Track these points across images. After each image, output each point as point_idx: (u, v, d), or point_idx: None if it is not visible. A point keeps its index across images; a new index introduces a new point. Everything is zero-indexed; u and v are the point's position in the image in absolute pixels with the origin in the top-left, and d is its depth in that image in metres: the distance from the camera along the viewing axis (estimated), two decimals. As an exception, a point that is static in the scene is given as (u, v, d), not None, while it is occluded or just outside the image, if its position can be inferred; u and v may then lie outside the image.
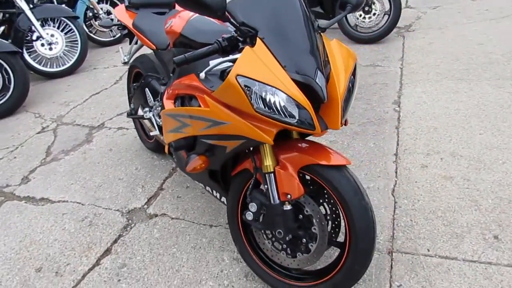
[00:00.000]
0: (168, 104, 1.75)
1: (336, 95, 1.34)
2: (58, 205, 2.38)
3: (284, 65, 1.30)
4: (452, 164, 2.27)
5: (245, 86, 1.24)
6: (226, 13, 1.24)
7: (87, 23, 5.06)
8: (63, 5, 4.63)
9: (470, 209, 1.95)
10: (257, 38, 1.32)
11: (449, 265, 1.68)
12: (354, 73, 1.49)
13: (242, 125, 1.33)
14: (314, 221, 1.48)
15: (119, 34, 5.19)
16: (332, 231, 1.58)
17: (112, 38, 5.23)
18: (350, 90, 1.44)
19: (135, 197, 2.36)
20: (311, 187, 1.54)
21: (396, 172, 2.28)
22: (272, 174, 1.45)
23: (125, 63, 2.51)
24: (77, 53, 4.42)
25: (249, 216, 1.53)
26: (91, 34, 5.11)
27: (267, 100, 1.26)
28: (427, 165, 2.29)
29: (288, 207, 1.45)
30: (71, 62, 4.44)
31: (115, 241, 2.04)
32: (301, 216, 1.50)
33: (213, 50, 1.35)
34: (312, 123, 1.29)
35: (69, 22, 4.30)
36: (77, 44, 4.41)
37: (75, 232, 2.14)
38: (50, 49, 4.29)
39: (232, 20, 1.26)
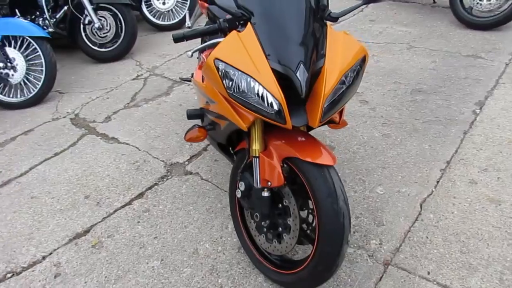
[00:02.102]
0: (197, 73, 1.85)
1: (321, 92, 1.28)
2: (122, 146, 2.74)
3: (268, 54, 1.28)
4: (508, 187, 1.96)
5: (223, 70, 1.27)
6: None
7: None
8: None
9: (502, 242, 1.70)
10: (248, 23, 1.31)
11: (441, 294, 1.53)
12: (358, 69, 1.39)
13: (225, 107, 1.38)
14: (290, 213, 1.48)
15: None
16: (310, 227, 1.56)
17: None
18: (346, 86, 1.35)
19: (181, 152, 2.59)
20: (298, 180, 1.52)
21: (437, 182, 2.06)
22: (258, 159, 1.48)
23: (188, 27, 2.66)
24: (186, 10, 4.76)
25: (238, 193, 1.59)
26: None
27: (242, 87, 1.27)
28: (477, 182, 2.02)
29: (266, 193, 1.48)
30: (179, 18, 4.83)
31: (150, 188, 2.31)
32: (280, 205, 1.51)
33: (213, 29, 1.40)
34: (284, 116, 1.27)
35: None
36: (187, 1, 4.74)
37: (125, 172, 2.47)
38: (163, 3, 4.70)
39: (218, 3, 1.28)
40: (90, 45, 4.17)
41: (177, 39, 1.39)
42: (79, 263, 1.88)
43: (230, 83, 1.28)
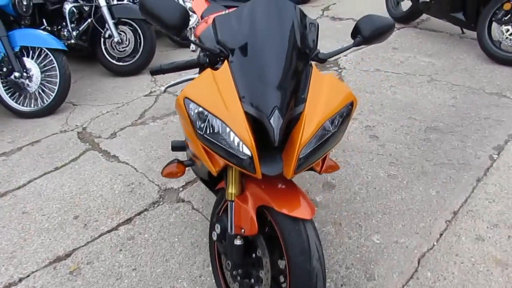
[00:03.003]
0: None
1: (296, 140, 1.18)
2: (121, 165, 2.70)
3: (242, 96, 1.19)
4: (519, 248, 1.77)
5: (193, 110, 1.19)
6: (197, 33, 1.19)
7: None
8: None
9: (504, 315, 1.51)
10: (226, 61, 1.23)
11: None
12: (343, 117, 1.27)
13: (197, 147, 1.29)
14: (262, 265, 1.36)
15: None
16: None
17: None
18: (328, 135, 1.24)
19: (178, 178, 2.51)
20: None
21: (440, 235, 1.89)
22: (233, 203, 1.38)
23: (193, 51, 2.61)
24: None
25: (214, 235, 1.50)
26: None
27: (211, 131, 1.18)
28: (485, 239, 1.84)
29: (238, 241, 1.37)
30: (201, 35, 4.84)
31: (139, 214, 2.24)
32: (254, 255, 1.40)
33: (191, 64, 1.33)
34: (254, 165, 1.16)
35: None
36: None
37: (118, 194, 2.42)
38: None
39: (192, 40, 1.21)
40: (109, 58, 4.22)
41: (154, 72, 1.33)
42: (53, 290, 1.82)
43: (199, 124, 1.19)
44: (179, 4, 1.25)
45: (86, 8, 4.28)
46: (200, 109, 1.18)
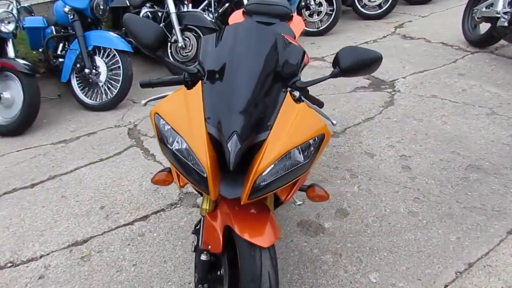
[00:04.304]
0: None
1: (254, 167, 1.18)
2: (155, 164, 2.88)
3: (208, 117, 1.22)
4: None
5: (160, 126, 1.26)
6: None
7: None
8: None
9: None
10: (199, 82, 1.28)
11: None
12: (311, 150, 1.24)
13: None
14: (223, 284, 1.38)
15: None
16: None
17: (316, 29, 5.40)
18: (291, 166, 1.21)
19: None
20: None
21: (445, 287, 1.72)
22: (204, 219, 1.42)
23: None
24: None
25: (193, 246, 1.55)
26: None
27: (173, 148, 1.23)
28: (494, 300, 1.64)
29: (204, 257, 1.41)
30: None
31: (156, 212, 2.38)
32: (219, 272, 1.42)
33: (176, 80, 1.40)
34: (208, 186, 1.19)
35: None
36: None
37: (144, 191, 2.58)
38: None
39: (167, 60, 1.27)
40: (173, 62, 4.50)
41: (143, 85, 1.42)
42: (63, 271, 2.01)
43: (165, 140, 1.25)
44: (156, 26, 1.33)
45: (160, 14, 4.62)
46: (167, 125, 1.24)
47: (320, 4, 5.24)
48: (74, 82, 3.91)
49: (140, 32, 1.31)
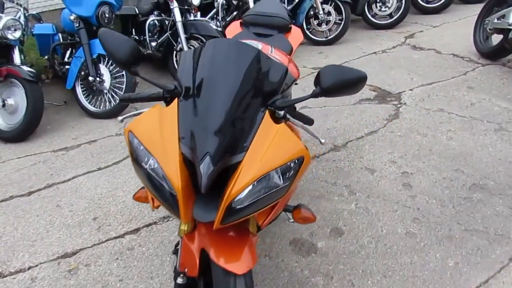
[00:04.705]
0: None
1: (227, 191, 1.12)
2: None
3: (182, 137, 1.18)
4: None
5: (134, 145, 1.22)
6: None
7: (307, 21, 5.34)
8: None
9: None
10: (175, 99, 1.24)
11: None
12: (290, 173, 1.18)
13: None
14: (198, 309, 1.33)
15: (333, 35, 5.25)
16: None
17: (324, 39, 5.34)
18: (267, 190, 1.16)
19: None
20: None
21: (438, 316, 1.64)
22: (182, 240, 1.37)
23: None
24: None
25: (173, 266, 1.50)
26: (308, 32, 5.36)
27: (146, 168, 1.19)
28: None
29: (180, 280, 1.36)
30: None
31: (148, 225, 2.34)
32: (196, 297, 1.37)
33: (155, 96, 1.36)
34: (178, 209, 1.14)
35: None
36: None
37: (138, 203, 2.53)
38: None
39: (142, 76, 1.24)
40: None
41: (123, 100, 1.39)
42: (49, 284, 1.99)
43: (139, 160, 1.21)
44: (131, 42, 1.30)
45: (167, 22, 4.63)
46: (140, 144, 1.20)
47: (329, 13, 5.18)
48: (78, 89, 3.93)
49: (114, 48, 1.28)
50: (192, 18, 4.49)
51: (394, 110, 3.36)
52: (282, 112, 1.34)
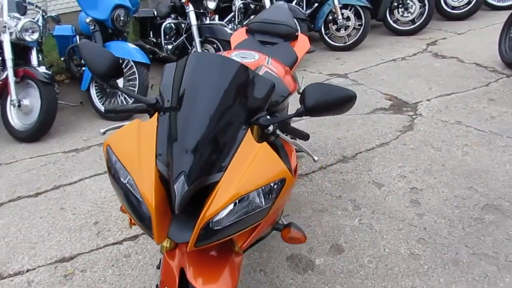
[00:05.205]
0: None
1: (202, 212, 1.08)
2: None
3: (159, 153, 1.14)
4: None
5: (110, 159, 1.19)
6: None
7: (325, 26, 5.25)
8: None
9: None
10: (155, 114, 1.20)
11: None
12: (271, 194, 1.12)
13: None
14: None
15: (351, 42, 5.14)
16: None
17: (342, 44, 5.23)
18: (245, 212, 1.10)
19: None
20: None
21: None
22: (163, 257, 1.33)
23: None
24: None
25: (158, 281, 1.47)
26: (326, 37, 5.28)
27: (121, 184, 1.16)
28: None
29: (161, 299, 1.31)
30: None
31: (147, 233, 2.31)
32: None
33: (141, 109, 1.33)
34: (151, 228, 1.10)
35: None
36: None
37: (140, 208, 2.53)
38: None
39: (121, 89, 1.21)
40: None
41: (107, 111, 1.37)
42: (43, 288, 1.99)
43: (115, 175, 1.18)
44: (111, 55, 1.28)
45: (183, 25, 4.64)
46: (116, 160, 1.17)
47: (348, 19, 5.07)
48: (93, 91, 3.97)
49: (93, 60, 1.26)
50: (208, 21, 4.48)
51: (408, 121, 3.24)
52: (271, 128, 1.29)
